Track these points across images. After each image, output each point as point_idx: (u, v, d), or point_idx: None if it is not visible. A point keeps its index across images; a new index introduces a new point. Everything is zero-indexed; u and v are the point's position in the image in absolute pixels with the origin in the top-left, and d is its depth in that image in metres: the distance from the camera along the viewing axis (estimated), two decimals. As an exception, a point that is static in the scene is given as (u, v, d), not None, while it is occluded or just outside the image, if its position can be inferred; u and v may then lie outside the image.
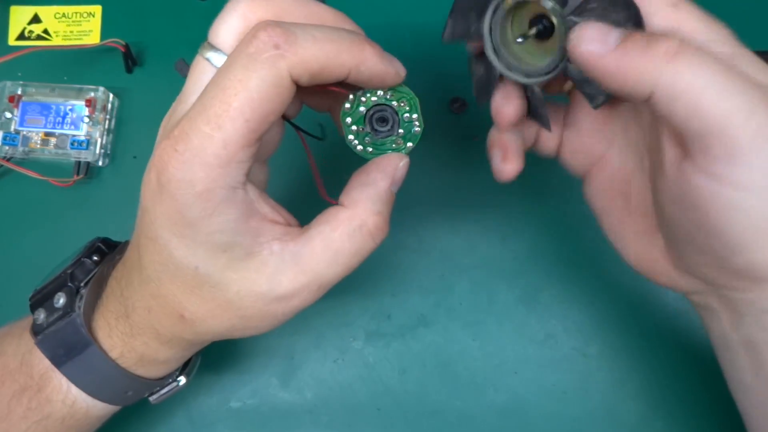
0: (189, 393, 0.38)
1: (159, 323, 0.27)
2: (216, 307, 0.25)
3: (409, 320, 0.37)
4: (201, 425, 0.37)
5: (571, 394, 0.37)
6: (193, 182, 0.22)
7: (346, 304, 0.39)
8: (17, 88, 0.40)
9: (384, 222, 0.26)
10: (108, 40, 0.40)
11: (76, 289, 0.28)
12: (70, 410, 0.29)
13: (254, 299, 0.25)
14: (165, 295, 0.25)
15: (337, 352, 0.38)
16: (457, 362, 0.38)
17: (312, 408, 0.37)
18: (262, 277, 0.24)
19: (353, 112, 0.26)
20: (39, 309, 0.28)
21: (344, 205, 0.26)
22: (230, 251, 0.24)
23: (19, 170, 0.40)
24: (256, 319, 0.26)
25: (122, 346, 0.28)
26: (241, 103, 0.21)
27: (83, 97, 0.40)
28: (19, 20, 0.43)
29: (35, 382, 0.28)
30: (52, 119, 0.40)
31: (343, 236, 0.25)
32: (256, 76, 0.21)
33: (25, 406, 0.28)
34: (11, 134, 0.40)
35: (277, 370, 0.38)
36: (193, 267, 0.24)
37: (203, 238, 0.23)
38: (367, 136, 0.26)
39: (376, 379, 0.38)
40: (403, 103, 0.26)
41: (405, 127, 0.26)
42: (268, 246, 0.24)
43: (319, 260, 0.25)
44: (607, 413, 0.37)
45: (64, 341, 0.28)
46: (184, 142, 0.22)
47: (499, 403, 0.37)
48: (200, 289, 0.25)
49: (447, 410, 0.37)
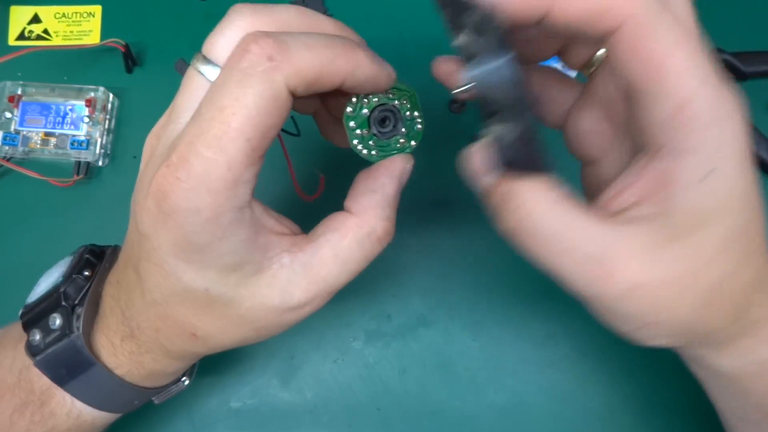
0: (190, 393, 0.38)
1: (169, 342, 0.26)
2: (228, 323, 0.25)
3: (409, 320, 0.37)
4: (201, 425, 0.37)
5: (571, 394, 0.37)
6: (200, 210, 0.21)
7: (346, 304, 0.39)
8: (17, 88, 0.40)
9: (392, 226, 0.26)
10: (108, 40, 0.40)
11: (72, 308, 0.27)
12: (75, 422, 0.28)
13: (267, 312, 0.24)
14: (174, 316, 0.25)
15: (337, 352, 0.38)
16: (457, 362, 0.38)
17: (312, 408, 0.37)
18: (274, 291, 0.24)
19: (356, 115, 0.25)
20: (34, 330, 0.28)
21: (352, 212, 0.25)
22: (241, 269, 0.23)
23: (19, 170, 0.39)
24: (270, 328, 0.26)
25: (129, 364, 0.27)
26: (241, 122, 0.20)
27: (83, 97, 0.40)
28: (19, 20, 0.43)
29: (36, 397, 0.28)
30: (52, 119, 0.40)
31: (352, 244, 0.25)
32: (253, 92, 0.20)
33: (29, 420, 0.28)
34: (11, 134, 0.40)
35: (277, 371, 0.38)
36: (204, 289, 0.23)
37: (213, 261, 0.23)
38: (371, 139, 0.26)
39: (376, 379, 0.38)
40: (404, 101, 0.26)
41: (407, 126, 0.26)
42: (278, 259, 0.24)
43: (330, 269, 0.25)
44: (607, 413, 0.37)
45: (65, 362, 0.27)
46: (185, 169, 0.21)
47: (499, 403, 0.37)
48: (211, 309, 0.24)
49: (447, 410, 0.37)
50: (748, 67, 0.39)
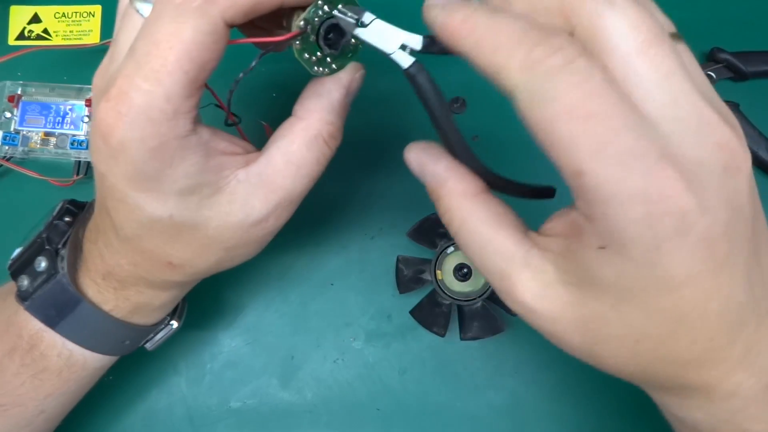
0: (189, 393, 0.38)
1: (148, 273, 0.27)
2: (199, 246, 0.26)
3: (409, 320, 0.37)
4: (201, 425, 0.37)
5: (571, 394, 0.37)
6: (144, 140, 0.22)
7: (346, 304, 0.39)
8: (17, 87, 0.40)
9: (338, 131, 0.27)
10: (108, 40, 0.40)
11: (56, 251, 0.28)
12: (66, 363, 0.29)
13: (233, 229, 0.25)
14: (148, 248, 0.26)
15: (337, 352, 0.38)
16: (457, 362, 0.38)
17: (312, 408, 0.37)
18: (235, 207, 0.25)
19: (305, 47, 0.25)
20: (21, 276, 0.29)
21: (298, 115, 0.26)
22: (199, 192, 0.24)
23: (19, 170, 0.39)
24: (240, 247, 0.27)
25: (115, 300, 0.28)
26: (178, 55, 0.21)
27: (83, 96, 0.40)
28: (19, 20, 0.43)
29: (25, 341, 0.29)
30: (52, 119, 0.40)
31: (302, 148, 0.26)
32: (189, 27, 0.21)
33: (18, 363, 0.28)
34: (11, 134, 0.40)
35: (277, 370, 0.38)
36: (168, 216, 0.24)
37: (169, 187, 0.23)
38: (327, 57, 0.25)
39: (376, 379, 0.38)
40: (343, 7, 0.25)
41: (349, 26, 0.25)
42: (234, 176, 0.25)
43: (285, 176, 0.26)
44: (608, 413, 0.37)
45: (53, 302, 0.28)
46: (125, 102, 0.22)
47: (499, 403, 0.37)
48: (180, 235, 0.25)
49: (447, 410, 0.37)
50: (748, 67, 0.39)
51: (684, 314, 0.19)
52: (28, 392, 0.29)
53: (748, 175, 0.19)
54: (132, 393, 0.38)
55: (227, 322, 0.39)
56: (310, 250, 0.39)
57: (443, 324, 0.36)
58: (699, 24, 0.41)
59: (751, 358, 0.21)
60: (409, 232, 0.37)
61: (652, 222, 0.18)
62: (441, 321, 0.36)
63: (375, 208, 0.40)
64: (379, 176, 0.40)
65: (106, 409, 0.37)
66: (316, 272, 0.39)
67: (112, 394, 0.37)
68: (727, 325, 0.20)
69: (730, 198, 0.19)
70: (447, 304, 0.36)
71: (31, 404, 0.29)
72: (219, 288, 0.39)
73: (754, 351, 0.21)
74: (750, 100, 0.39)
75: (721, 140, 0.19)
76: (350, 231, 0.39)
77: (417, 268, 0.37)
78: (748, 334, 0.21)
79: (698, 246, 0.18)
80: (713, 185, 0.18)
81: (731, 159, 0.19)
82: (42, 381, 0.29)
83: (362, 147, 0.39)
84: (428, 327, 0.36)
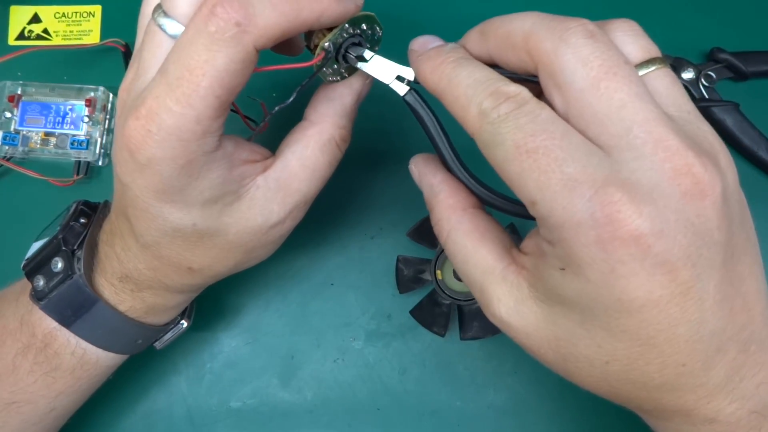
0: (189, 393, 0.38)
1: (167, 278, 0.28)
2: (219, 251, 0.26)
3: (409, 320, 0.37)
4: (201, 425, 0.37)
5: (571, 393, 0.37)
6: (174, 158, 0.22)
7: (346, 304, 0.39)
8: (17, 87, 0.40)
9: (348, 134, 0.27)
10: (108, 40, 0.40)
11: (71, 252, 0.29)
12: (79, 362, 0.29)
13: (253, 233, 0.26)
14: (168, 255, 0.26)
15: (337, 352, 0.38)
16: (457, 362, 0.38)
17: (312, 408, 0.37)
18: (254, 212, 0.26)
19: (325, 62, 0.25)
20: (37, 276, 0.29)
21: (311, 119, 0.27)
22: (222, 200, 0.25)
23: (19, 170, 0.39)
24: (258, 249, 0.27)
25: (131, 301, 0.29)
26: (210, 82, 0.21)
27: (83, 96, 0.40)
28: (19, 20, 0.43)
29: (39, 340, 0.29)
30: (52, 119, 0.40)
31: (316, 151, 0.26)
32: (222, 56, 0.21)
33: (32, 361, 0.29)
34: (11, 134, 0.40)
35: (277, 370, 0.38)
36: (191, 225, 0.25)
37: (194, 199, 0.24)
38: (341, 69, 0.27)
39: (376, 379, 0.38)
40: (365, 26, 0.26)
41: (370, 41, 0.26)
42: (253, 183, 0.26)
43: (301, 179, 0.26)
44: (608, 413, 0.37)
45: (70, 302, 0.28)
46: (155, 122, 0.22)
47: (499, 403, 0.37)
48: (201, 241, 0.26)
49: (447, 410, 0.37)
50: (748, 67, 0.39)
51: (650, 337, 0.20)
52: (40, 390, 0.29)
53: (717, 200, 0.19)
54: (132, 393, 0.38)
55: (227, 322, 0.39)
56: (310, 250, 0.39)
57: (443, 324, 0.36)
58: (699, 24, 0.41)
59: (733, 384, 0.21)
60: (409, 232, 0.37)
61: (604, 246, 0.18)
62: (441, 321, 0.36)
63: (375, 208, 0.40)
64: (380, 176, 0.40)
65: (106, 409, 0.37)
66: (316, 272, 0.39)
67: (112, 394, 0.37)
68: (701, 351, 0.20)
69: (693, 222, 0.19)
70: (447, 304, 0.36)
71: (43, 402, 0.29)
72: (219, 288, 0.38)
73: (737, 377, 0.21)
74: (750, 100, 0.39)
75: (678, 166, 0.19)
76: (350, 231, 0.39)
77: (417, 268, 0.37)
78: (729, 361, 0.21)
79: (656, 270, 0.19)
80: (670, 210, 0.19)
81: (692, 185, 0.19)
82: (54, 379, 0.29)
83: (363, 147, 0.39)
84: (428, 327, 0.36)
